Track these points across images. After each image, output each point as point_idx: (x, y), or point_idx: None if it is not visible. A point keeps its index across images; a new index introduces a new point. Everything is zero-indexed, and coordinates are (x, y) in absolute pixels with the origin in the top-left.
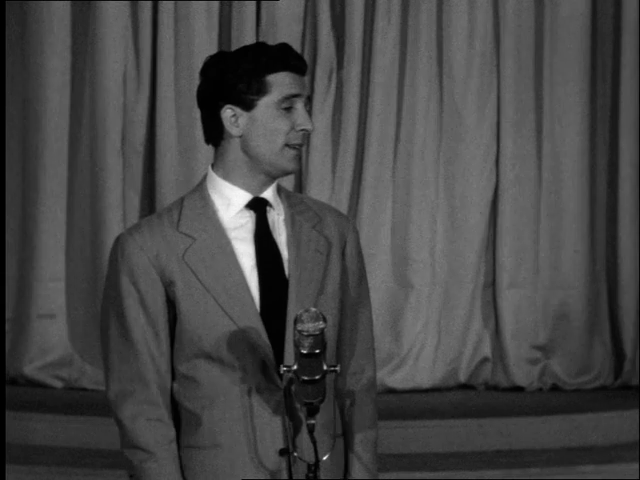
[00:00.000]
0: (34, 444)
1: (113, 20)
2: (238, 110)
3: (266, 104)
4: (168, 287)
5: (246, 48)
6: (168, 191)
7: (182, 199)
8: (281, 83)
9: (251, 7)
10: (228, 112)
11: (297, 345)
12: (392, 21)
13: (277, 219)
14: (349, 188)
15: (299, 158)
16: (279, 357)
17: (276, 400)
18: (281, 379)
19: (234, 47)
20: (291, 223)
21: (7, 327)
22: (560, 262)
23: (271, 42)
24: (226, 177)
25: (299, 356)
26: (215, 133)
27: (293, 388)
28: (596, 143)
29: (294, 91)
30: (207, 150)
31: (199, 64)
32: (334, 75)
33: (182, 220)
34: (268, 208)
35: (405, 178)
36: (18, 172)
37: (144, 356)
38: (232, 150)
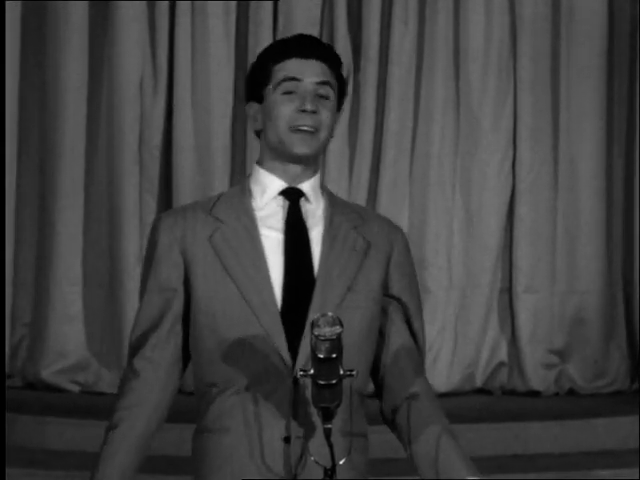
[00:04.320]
0: (51, 448)
1: (130, 24)
2: (255, 105)
3: (269, 92)
4: (188, 267)
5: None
6: (185, 195)
7: (224, 192)
8: (282, 69)
9: (268, 11)
10: (249, 109)
11: (314, 350)
12: (409, 25)
13: (313, 213)
14: (365, 191)
15: (308, 141)
16: (294, 347)
17: (285, 386)
18: (293, 367)
19: (250, 51)
20: (329, 219)
21: (24, 331)
22: (576, 267)
23: None
24: (263, 166)
25: (316, 360)
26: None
27: (309, 392)
28: (613, 148)
29: (291, 74)
30: (223, 153)
31: (215, 67)
32: (351, 78)
33: (216, 206)
34: (303, 200)
35: (422, 182)
36: (35, 176)
37: (149, 333)
38: (262, 143)
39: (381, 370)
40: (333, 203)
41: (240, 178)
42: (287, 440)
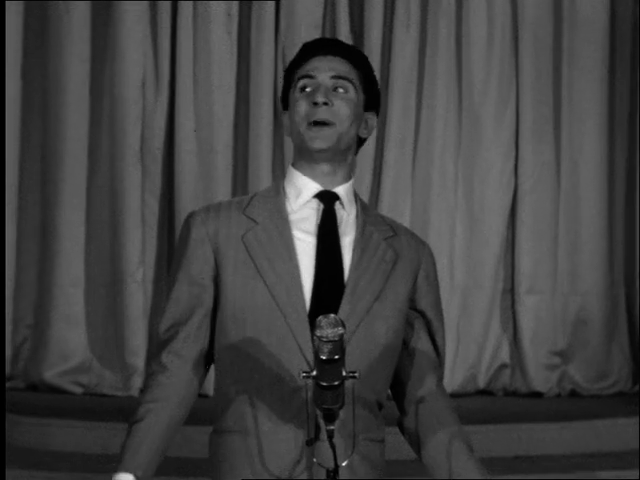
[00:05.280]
0: (54, 450)
1: (132, 25)
2: (286, 113)
3: (291, 94)
4: (219, 264)
5: None
6: (187, 197)
7: (258, 191)
8: (301, 70)
9: (270, 14)
10: (283, 118)
11: (316, 351)
12: (411, 29)
13: (346, 219)
14: (368, 194)
15: (324, 134)
16: None
17: (307, 389)
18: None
19: (253, 55)
20: (361, 228)
21: (27, 333)
22: (578, 268)
23: (289, 50)
24: (296, 167)
25: (318, 362)
26: None
27: (312, 394)
28: (614, 149)
29: (304, 72)
30: (225, 155)
31: (217, 69)
32: None
33: (250, 205)
34: (338, 205)
35: (424, 184)
36: (37, 178)
37: (179, 326)
38: (294, 146)
39: (403, 379)
40: (366, 212)
41: (243, 180)
42: (309, 443)
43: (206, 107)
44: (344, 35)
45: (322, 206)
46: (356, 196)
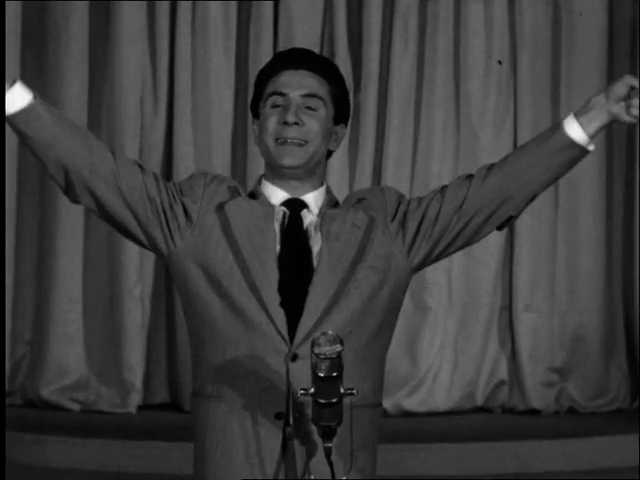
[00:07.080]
0: (51, 467)
1: (130, 41)
2: (256, 122)
3: (262, 106)
4: (199, 230)
5: None
6: None
7: None
8: (273, 83)
9: (268, 31)
10: (254, 127)
11: (314, 368)
12: (409, 44)
13: (315, 223)
14: None
15: (295, 153)
16: (292, 326)
17: (282, 360)
18: (291, 342)
19: (251, 72)
20: (329, 218)
21: (25, 350)
22: (576, 285)
23: None
24: (267, 179)
25: (316, 379)
26: None
27: (310, 411)
28: (612, 165)
29: (277, 89)
30: (223, 170)
31: (216, 87)
32: (351, 98)
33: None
34: (306, 211)
35: None
36: (35, 193)
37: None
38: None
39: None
40: (331, 200)
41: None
42: (279, 416)
43: (204, 122)
44: (342, 53)
45: (287, 212)
46: (330, 199)
